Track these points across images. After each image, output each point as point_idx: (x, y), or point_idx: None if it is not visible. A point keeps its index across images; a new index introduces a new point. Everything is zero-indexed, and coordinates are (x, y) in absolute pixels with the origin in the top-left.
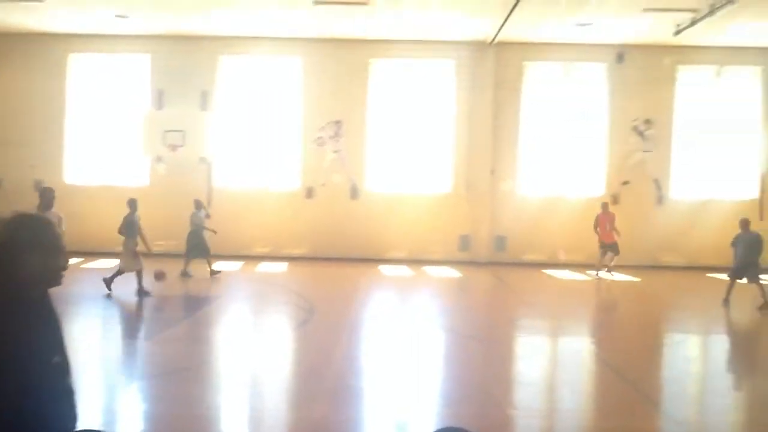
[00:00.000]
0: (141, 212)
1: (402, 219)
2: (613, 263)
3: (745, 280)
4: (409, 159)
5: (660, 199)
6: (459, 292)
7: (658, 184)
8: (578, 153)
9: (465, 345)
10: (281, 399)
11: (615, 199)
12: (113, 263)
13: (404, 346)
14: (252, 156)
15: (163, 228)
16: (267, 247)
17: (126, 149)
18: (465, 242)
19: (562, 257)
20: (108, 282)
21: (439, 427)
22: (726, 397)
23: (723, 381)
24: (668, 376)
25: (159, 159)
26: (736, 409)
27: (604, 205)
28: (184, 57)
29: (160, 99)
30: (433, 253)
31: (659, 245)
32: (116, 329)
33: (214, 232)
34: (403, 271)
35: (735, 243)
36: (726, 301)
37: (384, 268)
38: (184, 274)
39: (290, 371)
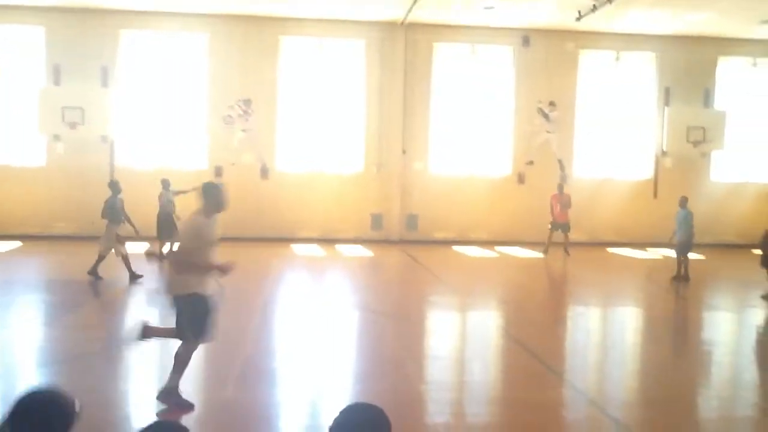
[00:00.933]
0: (38, 193)
1: (314, 198)
2: (567, 242)
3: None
4: (321, 138)
5: (563, 179)
6: (371, 271)
7: (561, 165)
8: (486, 133)
9: (377, 322)
10: (190, 381)
11: (521, 179)
12: (9, 246)
13: (317, 324)
14: (157, 135)
15: (62, 210)
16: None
17: (21, 127)
18: (377, 221)
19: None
20: (93, 272)
21: (350, 403)
22: (624, 365)
23: (622, 351)
24: (570, 348)
25: (57, 137)
26: (633, 376)
27: (559, 186)
28: (81, 30)
29: (56, 74)
30: (345, 232)
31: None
32: (16, 314)
33: (185, 192)
34: (316, 250)
35: (676, 220)
36: (684, 276)
37: (296, 248)
38: (159, 256)
39: (200, 353)
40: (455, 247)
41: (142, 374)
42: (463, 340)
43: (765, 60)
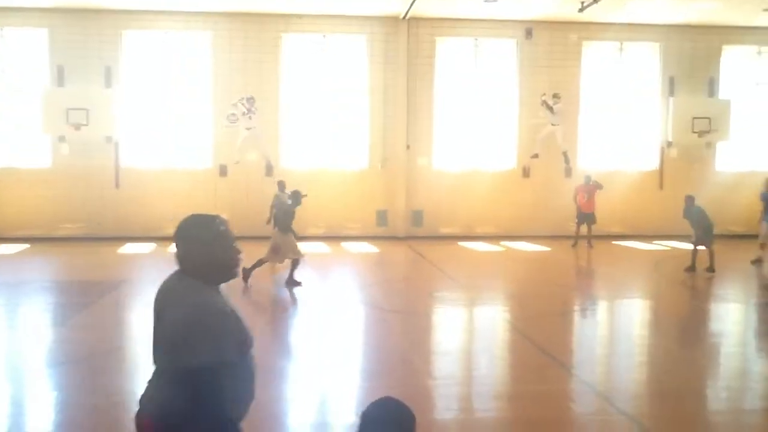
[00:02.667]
0: (43, 195)
1: (319, 195)
2: (590, 233)
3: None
4: (325, 135)
5: (568, 172)
6: (378, 267)
7: (566, 157)
8: (491, 127)
9: (385, 318)
10: None
11: (526, 172)
12: (17, 249)
13: (325, 322)
14: (161, 134)
15: (68, 211)
16: None
17: (26, 128)
18: (382, 217)
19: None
20: (247, 273)
21: (369, 400)
22: (632, 358)
23: (628, 343)
24: (577, 341)
25: (61, 139)
26: (641, 368)
27: (587, 177)
28: (84, 31)
29: (60, 75)
30: (351, 229)
31: (567, 216)
32: (25, 316)
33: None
34: (322, 247)
35: (686, 216)
36: (709, 268)
37: (301, 245)
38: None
39: None
40: (461, 243)
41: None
42: (470, 335)
43: None
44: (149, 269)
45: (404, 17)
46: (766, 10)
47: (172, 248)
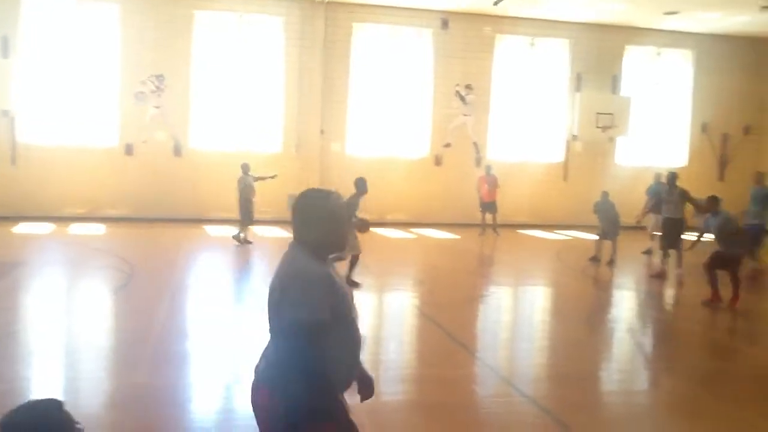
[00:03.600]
0: None
1: (228, 178)
2: (495, 222)
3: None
4: (237, 117)
5: (478, 161)
6: None
7: (476, 147)
8: (404, 115)
9: None
10: (99, 366)
11: (438, 161)
12: None
13: (229, 307)
14: (63, 109)
15: None
16: (82, 207)
17: None
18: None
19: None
20: (349, 277)
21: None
22: (534, 342)
23: (530, 328)
24: (482, 326)
25: None
26: (542, 352)
27: (487, 168)
28: None
29: None
30: (262, 213)
31: (476, 205)
32: None
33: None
34: (232, 232)
35: (595, 210)
36: (611, 261)
37: (210, 229)
38: (239, 240)
39: (109, 337)
40: (373, 229)
41: (48, 360)
42: (378, 320)
43: (668, 50)
44: (47, 251)
45: (322, 1)
46: (667, 14)
47: (289, 220)
